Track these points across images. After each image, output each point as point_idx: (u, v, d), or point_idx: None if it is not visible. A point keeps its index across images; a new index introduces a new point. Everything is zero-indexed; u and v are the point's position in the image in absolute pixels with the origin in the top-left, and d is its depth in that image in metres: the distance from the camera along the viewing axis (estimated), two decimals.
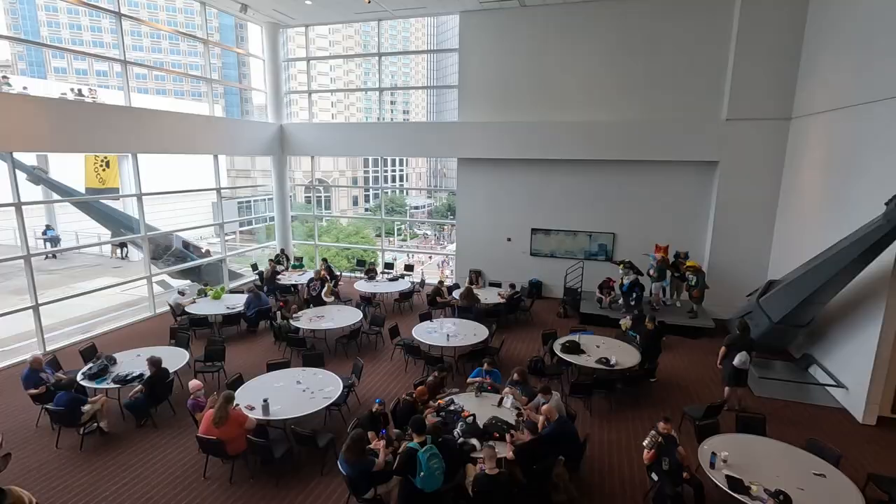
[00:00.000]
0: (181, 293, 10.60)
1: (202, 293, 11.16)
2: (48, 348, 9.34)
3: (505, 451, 5.27)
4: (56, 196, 15.37)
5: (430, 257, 33.06)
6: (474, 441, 5.46)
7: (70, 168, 17.87)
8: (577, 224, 12.90)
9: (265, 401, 6.19)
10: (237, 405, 5.94)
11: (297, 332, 9.43)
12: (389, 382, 8.40)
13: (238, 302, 10.60)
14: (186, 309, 10.21)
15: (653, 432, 5.29)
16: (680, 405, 7.40)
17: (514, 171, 13.05)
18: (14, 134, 8.33)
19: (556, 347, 8.33)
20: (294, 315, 9.76)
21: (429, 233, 62.98)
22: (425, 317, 10.03)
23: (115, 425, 6.87)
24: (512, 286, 11.60)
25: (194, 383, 6.43)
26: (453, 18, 12.87)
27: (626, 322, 9.22)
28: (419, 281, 13.19)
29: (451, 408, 6.17)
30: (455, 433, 5.56)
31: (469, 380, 7.03)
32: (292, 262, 14.10)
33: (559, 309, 11.95)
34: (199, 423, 6.18)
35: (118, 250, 18.71)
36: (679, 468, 5.13)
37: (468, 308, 10.50)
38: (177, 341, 8.78)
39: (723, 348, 7.47)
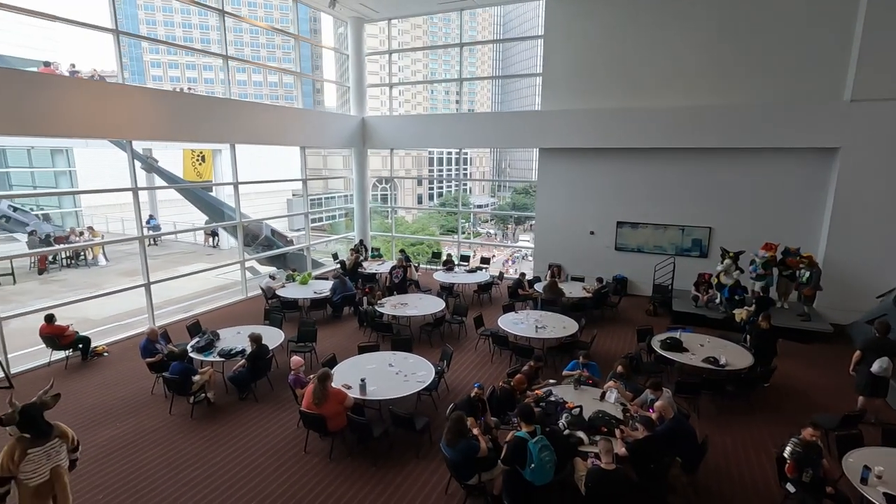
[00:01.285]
0: (272, 277, 11.07)
1: (290, 278, 11.59)
2: (157, 324, 10.05)
3: (616, 446, 4.92)
4: (162, 183, 16.56)
5: (496, 253, 32.79)
6: (581, 434, 5.15)
7: (171, 162, 19.31)
8: (668, 217, 12.11)
9: (363, 380, 6.22)
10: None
11: (381, 317, 9.53)
12: (475, 371, 8.24)
13: (324, 288, 10.90)
14: (277, 292, 10.64)
15: (794, 440, 4.71)
16: (798, 413, 6.68)
17: (600, 160, 12.48)
18: (133, 124, 9.01)
19: (655, 344, 7.79)
20: (379, 301, 9.87)
21: (492, 231, 62.65)
22: (509, 308, 9.79)
23: (220, 397, 7.21)
24: (599, 280, 11.06)
25: (296, 360, 6.59)
26: (519, 8, 12.49)
27: (743, 312, 8.47)
28: (497, 274, 12.95)
29: (551, 399, 5.89)
30: (560, 424, 5.27)
31: (565, 372, 6.71)
32: (371, 253, 14.35)
33: (648, 306, 11.26)
34: (298, 399, 6.34)
35: (210, 239, 20.01)
36: (822, 481, 4.54)
37: (553, 301, 10.14)
38: (270, 321, 9.14)
39: (857, 353, 6.61)
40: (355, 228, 15.92)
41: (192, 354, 7.29)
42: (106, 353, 8.74)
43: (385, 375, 6.71)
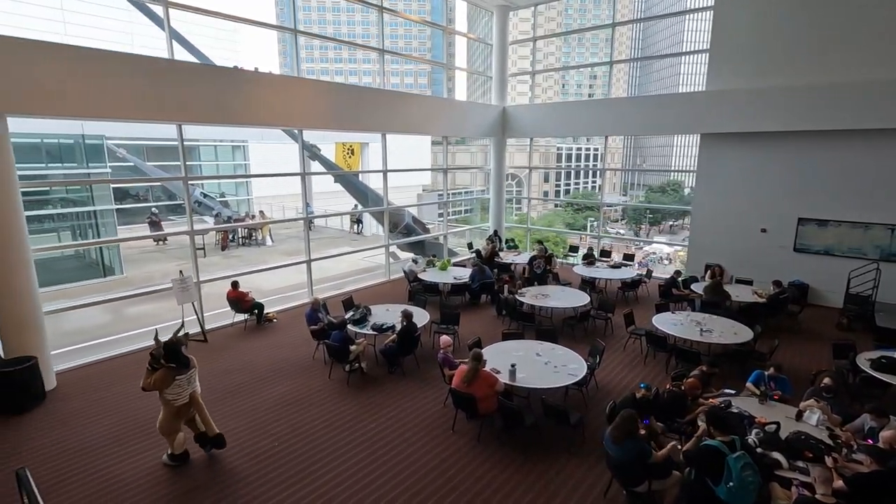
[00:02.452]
0: (415, 262, 11.48)
1: (430, 264, 11.94)
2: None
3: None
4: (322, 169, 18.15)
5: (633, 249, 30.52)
6: (779, 456, 4.34)
7: (326, 155, 21.29)
8: (871, 214, 9.96)
9: (513, 366, 6.03)
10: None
11: (521, 306, 9.29)
12: (626, 371, 7.58)
13: (463, 274, 11.00)
14: (419, 276, 11.01)
15: None
16: None
17: (777, 146, 10.72)
18: (304, 113, 9.91)
19: (863, 362, 6.39)
20: (519, 291, 9.64)
21: (623, 231, 58.83)
22: (662, 308, 8.87)
23: (371, 368, 7.60)
24: (777, 284, 9.50)
25: (445, 339, 6.65)
26: None
27: None
28: (645, 271, 11.89)
29: (732, 410, 5.09)
30: (749, 441, 4.50)
31: (748, 384, 5.78)
32: (506, 244, 14.19)
33: (840, 319, 9.39)
34: (446, 378, 6.38)
35: (354, 226, 21.68)
36: None
37: (715, 304, 8.95)
38: (415, 302, 9.44)
39: None
40: (490, 219, 15.90)
41: (349, 326, 7.78)
42: (275, 320, 9.80)
43: (533, 364, 6.44)
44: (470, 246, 15.16)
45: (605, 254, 13.56)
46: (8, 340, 6.62)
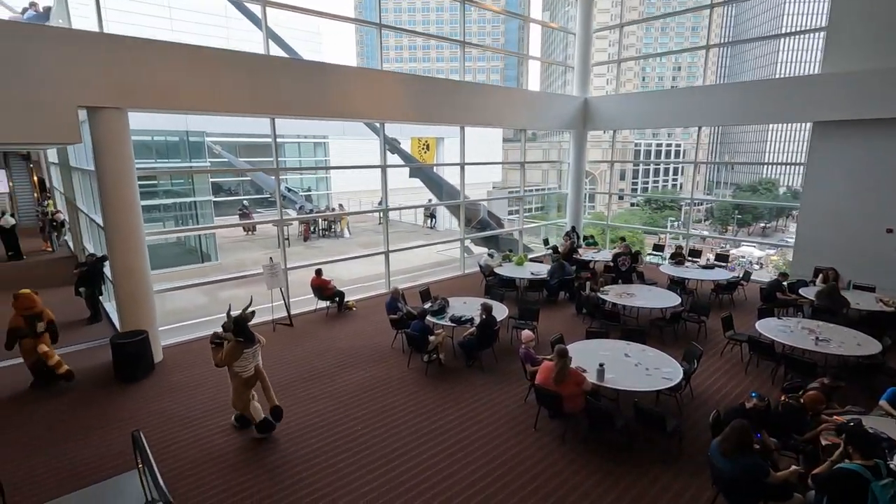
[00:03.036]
0: (490, 256, 11.32)
1: (506, 258, 11.72)
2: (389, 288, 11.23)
3: None
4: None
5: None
6: None
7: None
8: None
9: (601, 366, 5.70)
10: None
11: (603, 304, 8.83)
12: (724, 379, 6.94)
13: (540, 270, 10.67)
14: (495, 270, 10.84)
15: None
16: None
17: None
18: (387, 106, 10.03)
19: None
20: (602, 289, 9.17)
21: (706, 232, 54.96)
22: (766, 313, 8.04)
23: (449, 360, 7.55)
24: None
25: (526, 334, 6.43)
26: None
27: None
28: (742, 273, 10.89)
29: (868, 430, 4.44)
30: (893, 467, 3.89)
31: (882, 402, 5.05)
32: (585, 240, 13.63)
33: None
34: (527, 374, 6.17)
35: (428, 221, 21.91)
36: None
37: (831, 310, 7.97)
38: (491, 296, 9.27)
39: None
40: (567, 215, 15.36)
41: (427, 317, 7.78)
42: (354, 309, 10.06)
43: (622, 365, 6.06)
44: (546, 242, 14.73)
45: (694, 253, 12.59)
46: (125, 315, 7.30)
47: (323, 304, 9.92)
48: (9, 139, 5.90)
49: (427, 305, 8.27)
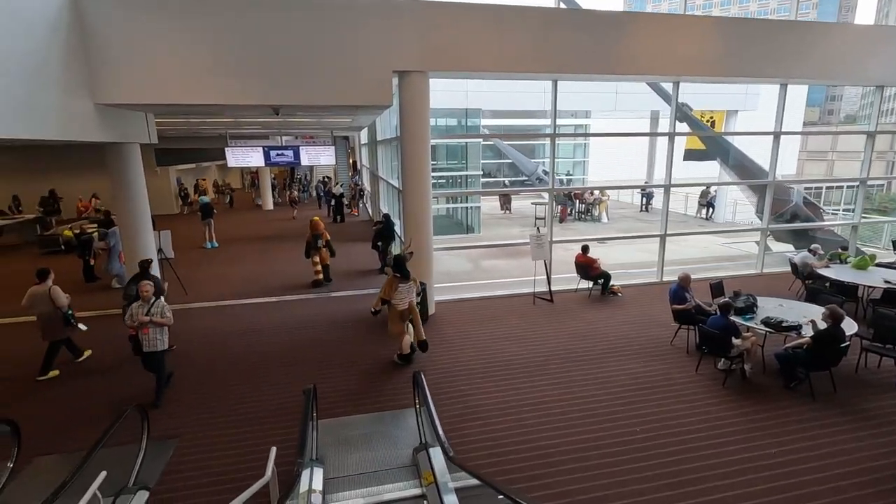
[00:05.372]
0: (812, 252, 8.53)
1: (835, 257, 8.72)
2: (662, 278, 9.64)
3: None
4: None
5: None
6: None
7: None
8: None
9: None
10: None
11: None
12: None
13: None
14: (818, 272, 8.11)
15: None
16: None
17: None
18: (685, 59, 8.19)
19: None
20: None
21: None
22: None
23: (756, 374, 5.80)
24: None
25: None
26: None
27: None
28: None
29: None
30: None
31: None
32: None
33: None
34: None
35: (703, 210, 18.61)
36: None
37: None
38: (815, 300, 6.86)
39: None
40: None
41: (732, 317, 6.10)
42: (620, 294, 8.94)
43: None
44: (895, 244, 10.52)
45: None
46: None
47: (585, 284, 9.12)
48: (335, 101, 6.76)
49: (727, 298, 6.53)
